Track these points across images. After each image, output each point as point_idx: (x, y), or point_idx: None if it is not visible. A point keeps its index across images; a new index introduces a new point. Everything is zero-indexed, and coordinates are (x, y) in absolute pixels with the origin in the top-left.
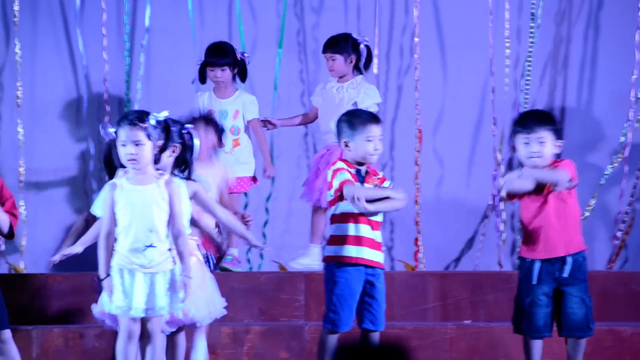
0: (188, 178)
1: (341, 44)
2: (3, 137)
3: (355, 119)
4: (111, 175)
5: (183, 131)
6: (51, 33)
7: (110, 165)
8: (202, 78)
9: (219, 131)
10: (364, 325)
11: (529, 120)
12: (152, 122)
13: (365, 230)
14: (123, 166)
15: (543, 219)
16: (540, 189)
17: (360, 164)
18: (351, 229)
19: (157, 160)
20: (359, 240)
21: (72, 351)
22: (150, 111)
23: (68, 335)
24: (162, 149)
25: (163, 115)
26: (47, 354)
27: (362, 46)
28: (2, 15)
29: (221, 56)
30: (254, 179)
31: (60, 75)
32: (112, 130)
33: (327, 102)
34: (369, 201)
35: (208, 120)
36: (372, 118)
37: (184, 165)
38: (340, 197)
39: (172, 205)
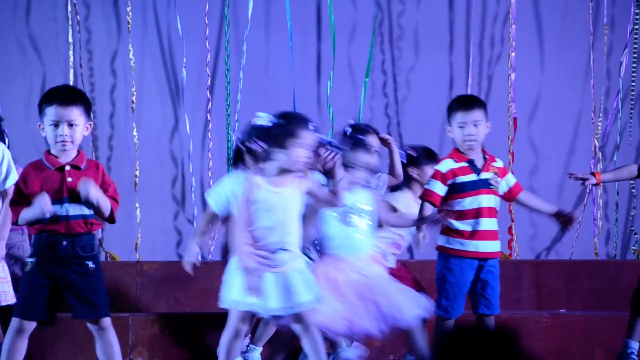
0: None
1: None
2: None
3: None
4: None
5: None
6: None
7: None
8: None
9: None
10: (479, 311)
11: None
12: None
13: (481, 222)
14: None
15: None
16: None
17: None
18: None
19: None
20: (472, 234)
21: (167, 338)
22: None
23: (163, 322)
24: None
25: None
26: (143, 340)
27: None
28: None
29: None
30: None
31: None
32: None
33: None
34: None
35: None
36: (463, 103)
37: None
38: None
39: None
